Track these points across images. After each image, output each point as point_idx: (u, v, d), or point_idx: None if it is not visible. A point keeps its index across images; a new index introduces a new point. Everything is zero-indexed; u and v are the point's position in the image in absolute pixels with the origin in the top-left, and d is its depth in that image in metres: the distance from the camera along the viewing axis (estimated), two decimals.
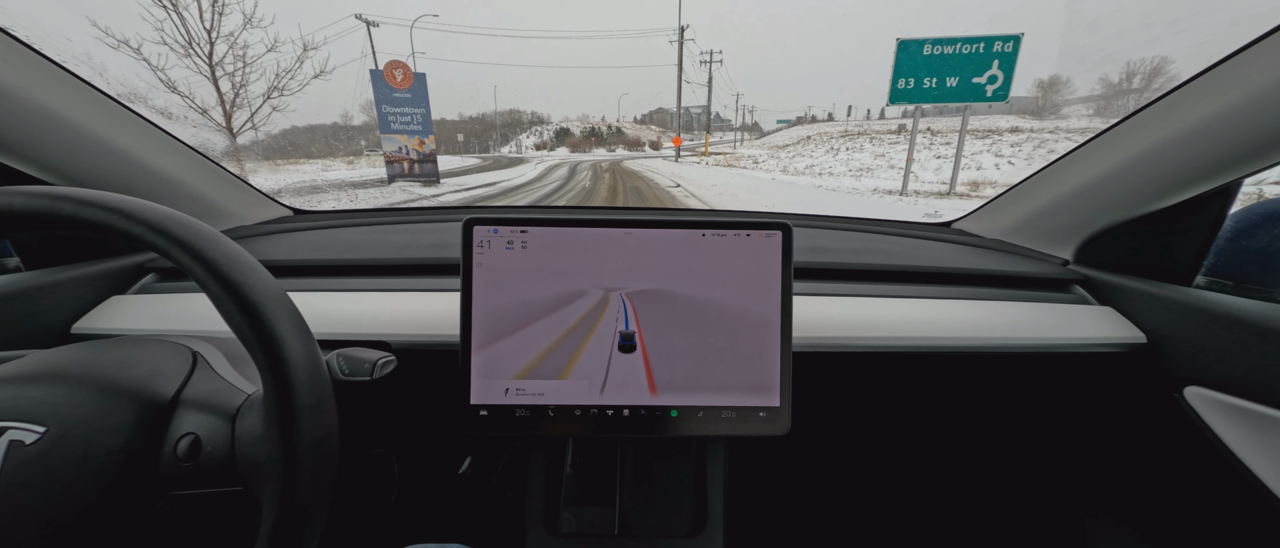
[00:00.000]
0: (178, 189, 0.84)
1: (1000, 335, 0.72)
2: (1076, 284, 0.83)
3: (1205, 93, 0.62)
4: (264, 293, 0.37)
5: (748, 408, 0.58)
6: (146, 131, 0.79)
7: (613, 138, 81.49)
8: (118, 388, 0.39)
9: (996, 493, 1.06)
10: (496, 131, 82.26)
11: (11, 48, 0.61)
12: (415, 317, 0.69)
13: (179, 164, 0.84)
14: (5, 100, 0.61)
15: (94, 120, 0.70)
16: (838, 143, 37.93)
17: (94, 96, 0.71)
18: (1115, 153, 0.75)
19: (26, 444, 0.35)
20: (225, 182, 0.94)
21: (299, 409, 0.36)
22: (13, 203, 0.35)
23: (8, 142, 0.63)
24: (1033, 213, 0.92)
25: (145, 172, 0.79)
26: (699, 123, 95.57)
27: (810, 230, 1.02)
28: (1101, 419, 0.88)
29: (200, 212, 0.88)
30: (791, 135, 48.99)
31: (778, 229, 0.58)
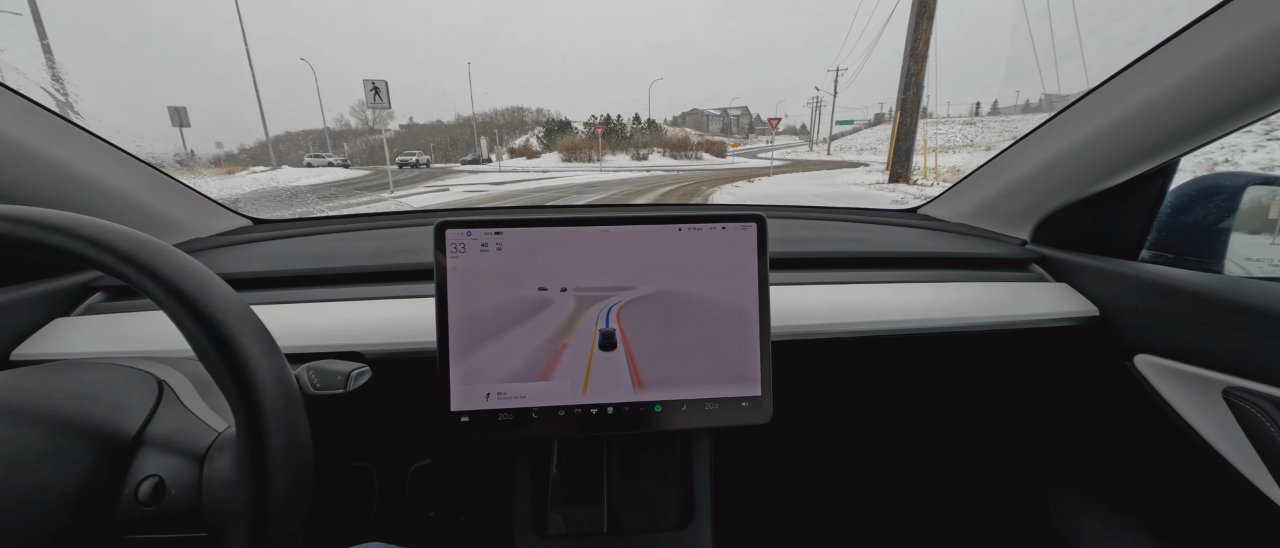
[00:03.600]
0: (122, 202, 0.79)
1: (965, 315, 0.75)
2: (1034, 263, 0.87)
3: (1146, 76, 0.66)
4: (223, 307, 0.35)
5: (730, 399, 0.59)
6: (83, 141, 0.74)
7: (643, 137, 47.97)
8: (74, 424, 0.36)
9: (967, 467, 1.11)
10: (493, 133, 54.52)
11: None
12: (389, 325, 0.67)
13: (122, 175, 0.79)
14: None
15: (21, 129, 0.65)
16: (959, 133, 37.08)
17: (20, 104, 0.66)
18: (1066, 136, 0.79)
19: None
20: (175, 192, 0.89)
21: (268, 428, 0.34)
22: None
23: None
24: (992, 196, 0.97)
25: (84, 184, 0.74)
26: (738, 126, 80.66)
27: (784, 221, 1.04)
28: (1061, 391, 0.93)
29: (149, 225, 0.83)
30: (876, 135, 48.31)
31: (752, 221, 0.59)
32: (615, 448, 0.72)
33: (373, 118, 49.64)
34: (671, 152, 41.07)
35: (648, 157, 40.48)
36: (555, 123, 52.37)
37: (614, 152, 42.73)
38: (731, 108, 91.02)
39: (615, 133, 47.86)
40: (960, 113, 72.89)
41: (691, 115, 78.68)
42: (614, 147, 43.97)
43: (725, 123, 78.76)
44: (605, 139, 45.48)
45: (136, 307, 0.71)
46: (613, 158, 39.93)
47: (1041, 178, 0.85)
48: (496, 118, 60.28)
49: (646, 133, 51.38)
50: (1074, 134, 0.77)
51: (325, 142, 47.70)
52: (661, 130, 55.70)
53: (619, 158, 40.21)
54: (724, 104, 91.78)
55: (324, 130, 49.24)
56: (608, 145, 44.00)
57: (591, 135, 41.55)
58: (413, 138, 48.14)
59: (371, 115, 49.05)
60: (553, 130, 49.47)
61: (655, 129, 55.25)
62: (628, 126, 51.91)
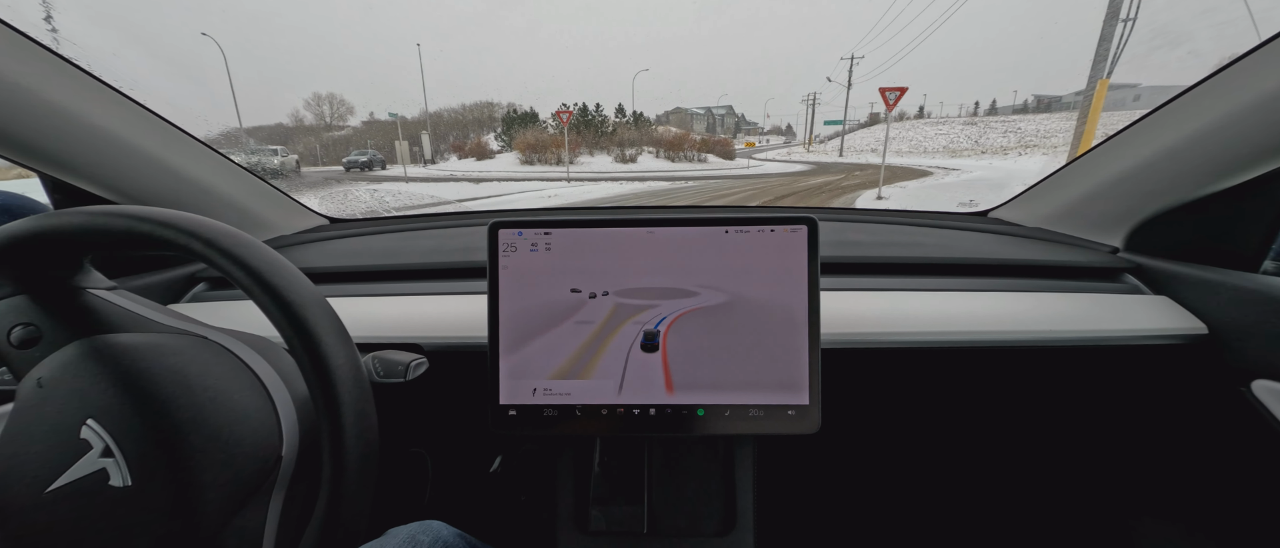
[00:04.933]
0: (224, 203, 0.88)
1: (1044, 328, 0.68)
2: (1127, 273, 0.78)
3: (1271, 63, 0.57)
4: (305, 300, 0.38)
5: (776, 406, 0.57)
6: (194, 148, 0.83)
7: (630, 133, 35.08)
8: (214, 472, 0.37)
9: (1036, 493, 1.01)
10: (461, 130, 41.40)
11: (72, 75, 0.66)
12: (445, 319, 0.71)
13: (224, 178, 0.89)
14: (69, 124, 0.65)
15: (147, 139, 0.75)
16: (959, 133, 36.20)
17: (146, 116, 0.75)
18: (1171, 131, 0.70)
19: (110, 483, 0.35)
20: (266, 194, 0.99)
21: (343, 413, 0.37)
22: (96, 222, 0.37)
23: (73, 163, 0.68)
24: (1077, 198, 0.88)
25: (195, 187, 0.83)
26: (724, 126, 75.01)
27: (837, 224, 1.00)
28: (1154, 415, 0.83)
29: (244, 223, 0.93)
30: (876, 134, 45.56)
31: (803, 224, 0.57)
32: (657, 449, 0.72)
33: (330, 114, 43.56)
34: (666, 152, 29.37)
35: (636, 157, 28.39)
36: (516, 115, 36.70)
37: (592, 151, 29.95)
38: (716, 107, 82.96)
39: (593, 127, 34.34)
40: (951, 114, 67.35)
41: (675, 114, 69.82)
42: (592, 145, 30.78)
43: (710, 122, 71.53)
44: (581, 135, 32.25)
45: (233, 296, 0.79)
46: (589, 160, 28.49)
47: (1140, 178, 0.76)
48: (465, 113, 45.14)
49: (633, 128, 38.25)
50: (1182, 129, 0.68)
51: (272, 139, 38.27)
52: (651, 126, 42.83)
53: (598, 160, 28.44)
54: (708, 103, 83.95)
55: (239, 128, 37.26)
56: (583, 143, 30.96)
57: (559, 129, 29.41)
58: (376, 134, 37.84)
59: (328, 111, 42.52)
60: (513, 123, 35.09)
61: (644, 124, 42.33)
62: (609, 120, 37.90)
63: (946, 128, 40.73)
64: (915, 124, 47.98)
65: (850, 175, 19.55)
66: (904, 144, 39.06)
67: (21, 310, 0.39)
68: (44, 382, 0.37)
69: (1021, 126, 34.90)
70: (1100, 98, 6.58)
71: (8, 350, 0.38)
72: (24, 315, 0.39)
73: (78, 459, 0.35)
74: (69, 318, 0.40)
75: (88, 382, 0.37)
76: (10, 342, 0.38)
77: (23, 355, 0.38)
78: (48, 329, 0.39)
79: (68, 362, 0.38)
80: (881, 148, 40.20)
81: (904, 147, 38.65)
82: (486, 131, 38.70)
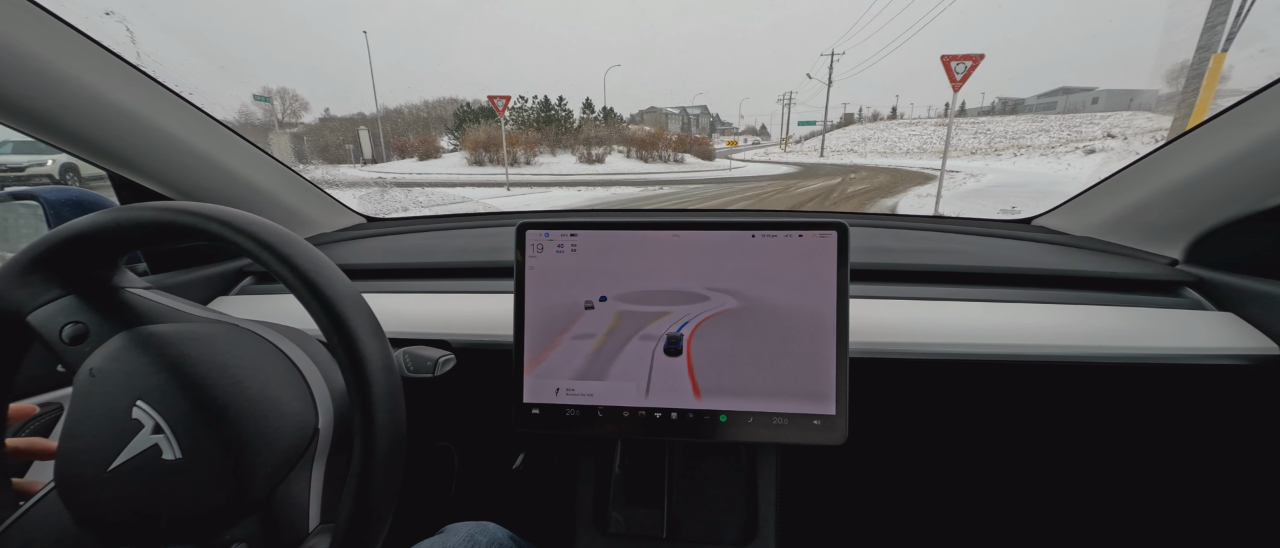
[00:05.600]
0: (270, 200, 0.93)
1: (1092, 343, 0.64)
2: (1188, 287, 0.73)
3: None
4: (342, 295, 0.40)
5: (801, 415, 0.56)
6: (244, 148, 0.88)
7: (598, 130, 32.14)
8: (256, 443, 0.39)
9: (1078, 522, 0.95)
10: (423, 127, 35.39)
11: (139, 80, 0.71)
12: (473, 317, 0.73)
13: (270, 177, 0.94)
14: (138, 127, 0.70)
15: (204, 140, 0.80)
16: (932, 134, 36.43)
17: (202, 118, 0.80)
18: (1239, 135, 0.65)
19: (163, 457, 0.38)
20: (308, 192, 1.03)
21: (375, 404, 0.38)
22: (164, 217, 0.40)
23: (139, 163, 0.73)
24: (1132, 206, 0.82)
25: (245, 185, 0.88)
26: (699, 126, 72.02)
27: (869, 229, 0.97)
28: (1214, 441, 0.76)
29: (288, 220, 0.98)
30: (852, 134, 45.53)
31: (833, 229, 0.55)
32: (678, 454, 0.72)
33: (283, 109, 38.04)
34: (639, 152, 26.12)
35: (604, 157, 25.22)
36: (469, 110, 32.24)
37: (554, 150, 26.22)
38: (691, 107, 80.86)
39: (557, 123, 30.69)
40: (921, 115, 65.13)
41: (650, 113, 67.84)
42: (554, 143, 26.88)
43: (685, 122, 68.81)
44: (542, 132, 28.16)
45: (277, 290, 0.83)
46: (551, 161, 24.69)
47: (1203, 185, 0.70)
48: (428, 110, 41.43)
49: (602, 126, 34.61)
50: (1252, 132, 0.63)
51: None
52: (624, 124, 38.70)
53: (561, 160, 24.86)
54: (683, 103, 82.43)
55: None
56: (545, 141, 26.60)
57: (522, 125, 26.08)
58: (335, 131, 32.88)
59: (280, 106, 38.11)
60: (466, 119, 30.43)
61: (614, 121, 38.31)
62: (574, 116, 34.34)
63: (919, 129, 40.86)
64: (889, 125, 48.01)
65: (846, 179, 17.52)
66: (879, 145, 38.94)
67: (71, 310, 0.42)
68: (96, 372, 0.41)
69: (991, 128, 35.01)
70: (1215, 75, 5.79)
71: (61, 347, 0.42)
72: (73, 314, 0.42)
73: (132, 438, 0.38)
74: (112, 314, 0.43)
75: (134, 367, 0.40)
76: (63, 339, 0.42)
77: (74, 351, 0.42)
78: (94, 325, 0.43)
79: (115, 351, 0.41)
80: (863, 148, 38.65)
81: (879, 147, 38.36)
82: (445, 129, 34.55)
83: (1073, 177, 14.48)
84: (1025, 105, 55.11)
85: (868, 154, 35.11)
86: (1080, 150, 20.06)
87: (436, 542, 0.58)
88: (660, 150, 26.82)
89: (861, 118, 67.94)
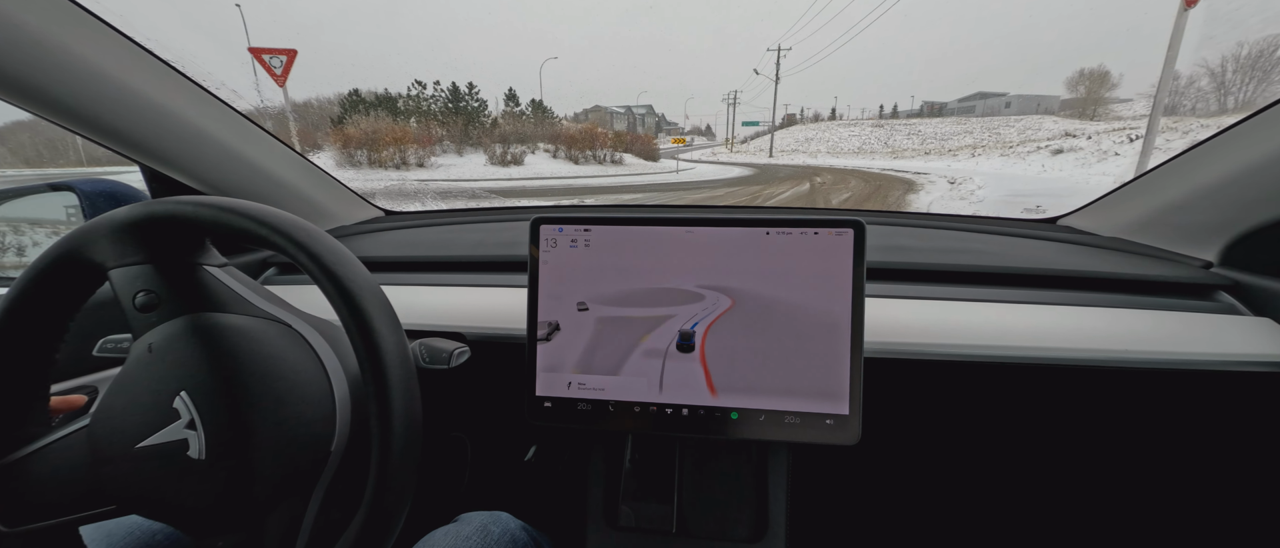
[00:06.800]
0: (292, 194, 0.95)
1: (1120, 347, 0.62)
2: (1223, 290, 0.70)
3: None
4: (362, 287, 0.41)
5: (813, 414, 0.55)
6: (267, 143, 0.91)
7: (522, 128, 25.73)
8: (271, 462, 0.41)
9: (1101, 530, 0.92)
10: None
11: (168, 75, 0.73)
12: (487, 310, 0.74)
13: (292, 171, 0.96)
14: (169, 122, 0.72)
15: (230, 135, 0.82)
16: (870, 135, 38.12)
17: (227, 113, 0.82)
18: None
19: (188, 453, 0.40)
20: (329, 186, 1.06)
21: (392, 394, 0.39)
22: (202, 213, 0.42)
23: (170, 157, 0.76)
24: (1164, 207, 0.79)
25: (269, 180, 0.90)
26: (644, 126, 68.90)
27: (886, 227, 0.95)
28: (1249, 451, 0.74)
29: (309, 213, 1.00)
30: (795, 135, 46.26)
31: (849, 227, 0.54)
32: (689, 450, 0.72)
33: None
34: (571, 150, 21.93)
35: (522, 157, 20.75)
36: (358, 99, 25.88)
37: (460, 147, 21.40)
38: (636, 106, 78.49)
39: (467, 116, 25.69)
40: (856, 116, 65.53)
41: (595, 112, 65.94)
42: (460, 139, 22.34)
43: (630, 121, 66.16)
44: (447, 126, 23.90)
45: (299, 281, 0.85)
46: (455, 161, 19.93)
47: (1242, 185, 0.68)
48: (340, 104, 30.13)
49: (530, 121, 29.34)
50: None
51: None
52: (557, 120, 34.01)
53: (469, 161, 20.24)
54: (628, 102, 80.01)
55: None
56: (450, 136, 22.36)
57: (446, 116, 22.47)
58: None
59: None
60: (352, 110, 24.87)
61: (545, 115, 33.18)
62: (485, 108, 27.78)
63: (858, 130, 42.49)
64: (830, 126, 49.56)
65: (814, 184, 15.25)
66: (823, 145, 40.30)
67: (147, 278, 0.44)
68: (154, 348, 0.43)
69: (922, 130, 37.43)
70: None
71: (131, 312, 0.44)
72: (148, 283, 0.44)
73: (168, 425, 0.40)
74: (183, 290, 0.45)
75: (188, 356, 0.42)
76: (134, 305, 0.44)
77: (142, 318, 0.44)
78: (166, 297, 0.44)
79: (175, 334, 0.43)
80: (808, 148, 39.43)
81: (824, 147, 39.47)
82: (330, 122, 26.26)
83: (1064, 178, 13.91)
84: (948, 109, 57.81)
85: (817, 154, 35.90)
86: (1046, 150, 19.42)
87: (451, 530, 0.60)
88: (596, 149, 22.56)
89: (803, 118, 67.88)
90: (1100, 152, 16.74)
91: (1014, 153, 21.55)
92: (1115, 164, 14.98)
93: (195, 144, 0.77)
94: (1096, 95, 43.34)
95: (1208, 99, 28.89)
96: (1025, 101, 48.94)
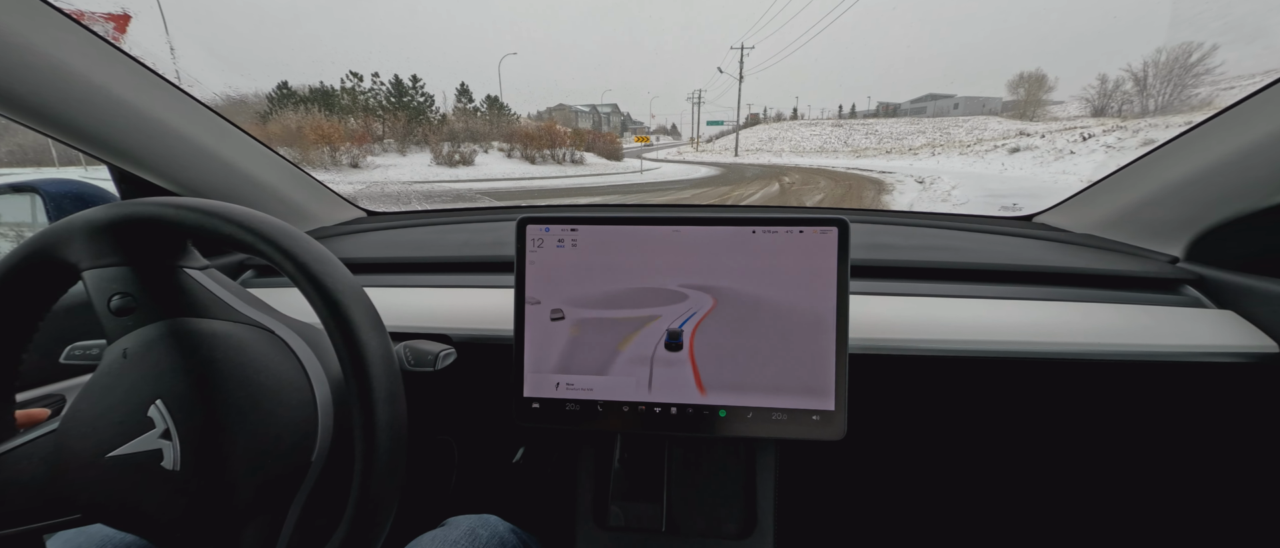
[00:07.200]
0: (270, 194, 0.93)
1: (1092, 340, 0.64)
2: (1188, 284, 0.73)
3: None
4: (344, 289, 0.40)
5: (800, 411, 0.56)
6: (242, 141, 0.88)
7: (475, 126, 24.27)
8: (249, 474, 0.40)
9: (1075, 518, 0.96)
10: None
11: (140, 73, 0.70)
12: (473, 311, 0.73)
13: (270, 170, 0.93)
14: (138, 120, 0.70)
15: (203, 133, 0.80)
16: (830, 134, 39.86)
17: (201, 111, 0.80)
18: (1242, 133, 0.65)
19: (161, 464, 0.38)
20: (308, 186, 1.03)
21: (376, 398, 0.38)
22: (185, 216, 0.40)
23: (140, 156, 0.73)
24: (1133, 204, 0.82)
25: (245, 180, 0.88)
26: (610, 124, 67.76)
27: (870, 226, 0.97)
28: (1212, 439, 0.77)
29: (289, 215, 0.98)
30: (759, 134, 47.36)
31: (833, 225, 0.55)
32: (678, 448, 0.72)
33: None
34: (526, 149, 19.95)
35: (472, 157, 18.47)
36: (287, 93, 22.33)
37: (403, 146, 19.35)
38: (601, 105, 75.86)
39: (412, 111, 23.56)
40: (816, 116, 68.03)
41: (559, 111, 63.58)
42: (402, 136, 20.33)
43: (595, 120, 64.94)
44: (387, 123, 21.65)
45: (278, 283, 0.83)
46: (397, 161, 17.80)
47: (1205, 183, 0.70)
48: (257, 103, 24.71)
49: (484, 119, 27.08)
50: (1255, 130, 0.63)
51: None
52: (515, 118, 30.90)
53: (413, 160, 18.29)
54: (594, 101, 78.42)
55: None
56: (392, 133, 20.45)
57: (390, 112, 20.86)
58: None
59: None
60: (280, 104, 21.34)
61: (502, 112, 30.40)
62: (432, 104, 24.96)
63: (819, 129, 44.36)
64: (792, 125, 51.47)
65: (784, 186, 14.19)
66: (786, 144, 41.91)
67: (123, 280, 0.42)
68: (128, 353, 0.41)
69: (879, 129, 38.99)
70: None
71: (105, 315, 0.42)
72: (124, 285, 0.42)
73: (140, 434, 0.39)
74: (162, 294, 0.43)
75: (164, 364, 0.40)
76: (109, 308, 0.42)
77: (118, 322, 0.42)
78: (143, 301, 0.42)
79: (152, 340, 0.41)
80: (772, 147, 41.08)
81: (787, 146, 41.02)
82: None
83: (1026, 177, 14.14)
84: (901, 110, 60.06)
85: (782, 153, 36.98)
86: (1003, 149, 20.01)
87: (438, 535, 0.59)
88: (555, 148, 20.66)
89: (766, 118, 68.41)
90: (1056, 150, 17.29)
91: (972, 152, 22.36)
92: (1073, 162, 15.37)
93: (167, 143, 0.75)
94: (1035, 98, 45.32)
95: (1132, 101, 30.85)
96: (971, 103, 50.95)
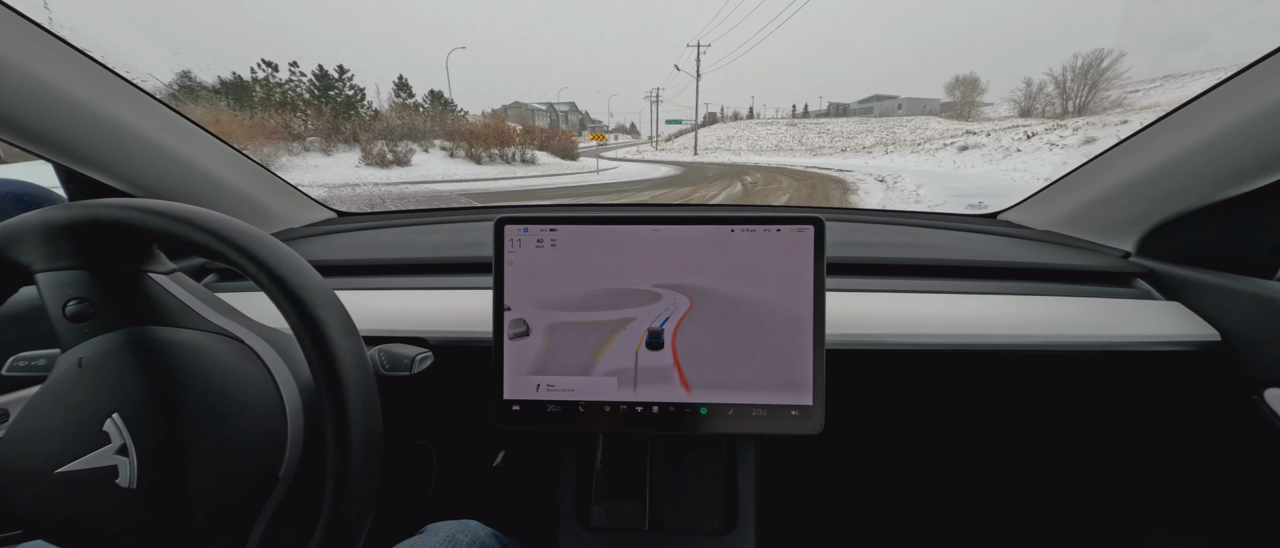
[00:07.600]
0: (233, 195, 0.89)
1: (1053, 332, 0.68)
2: (1139, 278, 0.77)
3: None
4: (313, 292, 0.39)
5: (779, 406, 0.57)
6: (205, 141, 0.84)
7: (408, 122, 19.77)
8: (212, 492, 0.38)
9: (1042, 500, 1.00)
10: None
11: (86, 66, 0.66)
12: (450, 314, 0.71)
13: (232, 170, 0.89)
14: (85, 116, 0.66)
15: (158, 131, 0.76)
16: (785, 133, 41.24)
17: (156, 107, 0.76)
18: (1186, 134, 0.69)
19: (116, 481, 0.36)
20: (275, 186, 0.99)
21: (349, 405, 0.37)
22: (152, 222, 0.37)
23: (88, 155, 0.69)
24: (1089, 202, 0.86)
25: (206, 180, 0.84)
26: (567, 123, 67.62)
27: (844, 224, 0.99)
28: (1165, 424, 0.82)
29: (253, 215, 0.94)
30: (717, 132, 48.27)
31: (809, 224, 0.56)
32: (660, 447, 0.72)
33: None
34: (472, 147, 17.80)
35: (409, 157, 15.96)
36: (192, 85, 20.28)
37: (329, 145, 16.19)
38: (558, 103, 75.38)
39: (332, 104, 21.00)
40: (771, 115, 70.25)
41: (515, 109, 61.55)
42: (329, 134, 17.47)
43: (552, 119, 64.37)
44: (309, 120, 18.54)
45: (243, 288, 0.80)
46: (321, 162, 14.70)
47: (1154, 182, 0.75)
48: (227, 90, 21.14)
49: (426, 115, 24.51)
50: (1198, 132, 0.67)
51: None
52: (458, 112, 28.61)
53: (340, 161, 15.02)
54: (551, 99, 77.72)
55: None
56: (317, 131, 17.45)
57: (311, 106, 18.86)
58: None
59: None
60: (182, 95, 16.68)
61: (446, 108, 27.88)
62: (362, 98, 22.56)
63: (775, 128, 45.91)
64: (749, 124, 53.06)
65: (746, 186, 13.53)
66: (743, 143, 43.21)
67: (80, 284, 0.39)
68: (84, 363, 0.38)
69: (830, 128, 40.62)
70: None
71: (60, 321, 0.39)
72: (82, 290, 0.39)
73: (94, 450, 0.36)
74: (123, 300, 0.40)
75: (123, 376, 0.38)
76: (64, 313, 0.39)
77: (73, 329, 0.39)
78: (102, 307, 0.39)
79: (110, 350, 0.39)
80: (731, 146, 41.91)
81: (744, 145, 42.32)
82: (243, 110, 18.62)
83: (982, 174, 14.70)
84: (850, 110, 62.94)
85: (740, 152, 38.01)
86: (953, 147, 20.86)
87: (417, 542, 0.58)
88: (504, 146, 18.56)
89: (723, 117, 68.99)
90: (1003, 148, 18.08)
91: (923, 149, 23.22)
92: (1022, 160, 16.09)
93: (118, 140, 0.71)
94: (969, 99, 47.85)
95: (1053, 103, 33.16)
96: (914, 104, 54.12)
